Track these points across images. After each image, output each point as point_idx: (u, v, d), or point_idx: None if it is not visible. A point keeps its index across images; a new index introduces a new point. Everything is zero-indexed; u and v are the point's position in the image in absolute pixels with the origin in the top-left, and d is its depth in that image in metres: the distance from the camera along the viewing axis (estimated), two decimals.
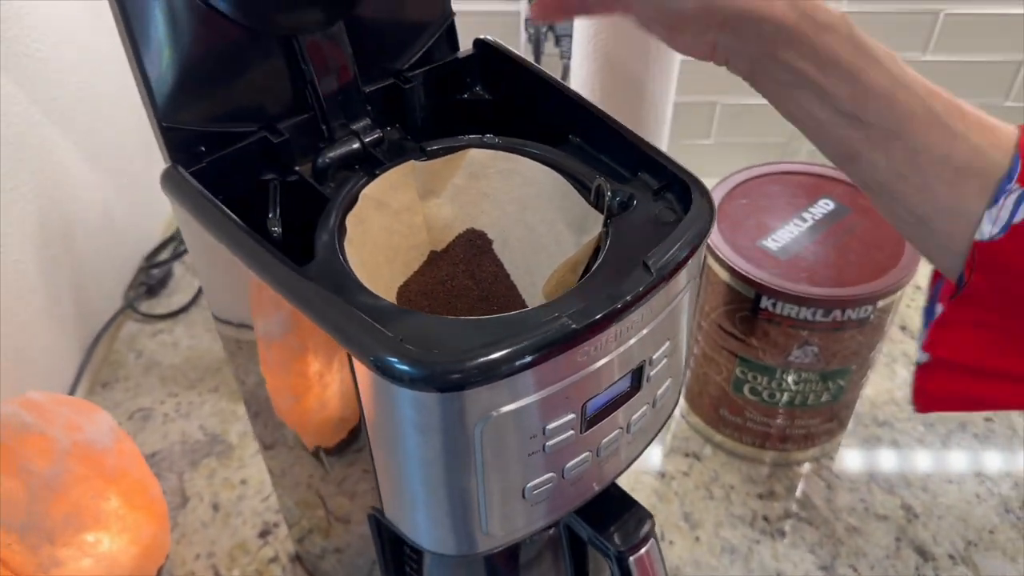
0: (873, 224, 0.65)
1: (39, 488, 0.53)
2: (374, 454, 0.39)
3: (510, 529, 0.41)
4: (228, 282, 0.45)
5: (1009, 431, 0.75)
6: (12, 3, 0.67)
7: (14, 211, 0.67)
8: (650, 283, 0.36)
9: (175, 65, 0.41)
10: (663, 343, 0.40)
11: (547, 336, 0.34)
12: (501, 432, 0.36)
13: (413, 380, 0.33)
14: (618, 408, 0.40)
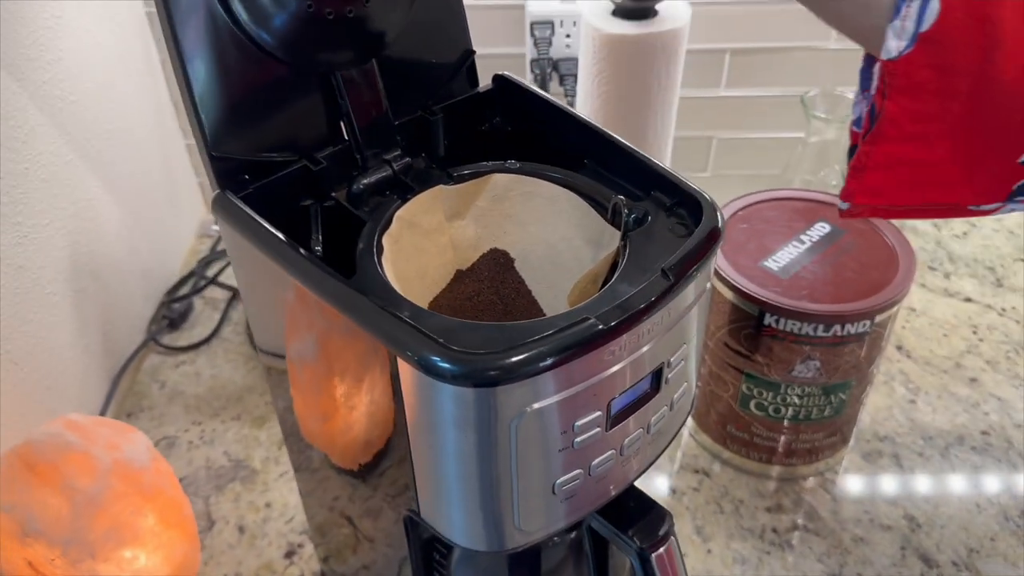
0: (868, 245, 0.69)
1: (83, 504, 0.55)
2: (413, 455, 0.42)
3: (540, 525, 0.43)
4: (273, 303, 0.48)
5: (1005, 443, 0.78)
6: (51, 49, 0.71)
7: (48, 245, 0.71)
8: (667, 288, 0.39)
9: (223, 99, 0.44)
10: (679, 347, 0.43)
11: (575, 336, 0.37)
12: (534, 428, 0.39)
13: (454, 376, 0.36)
14: (639, 408, 0.43)
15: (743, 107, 0.96)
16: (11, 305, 0.65)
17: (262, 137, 0.46)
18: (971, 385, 0.83)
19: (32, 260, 0.68)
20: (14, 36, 0.66)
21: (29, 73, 0.68)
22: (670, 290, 0.39)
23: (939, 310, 0.91)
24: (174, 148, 0.96)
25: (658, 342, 0.41)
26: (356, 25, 0.45)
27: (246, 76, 0.45)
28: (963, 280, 0.94)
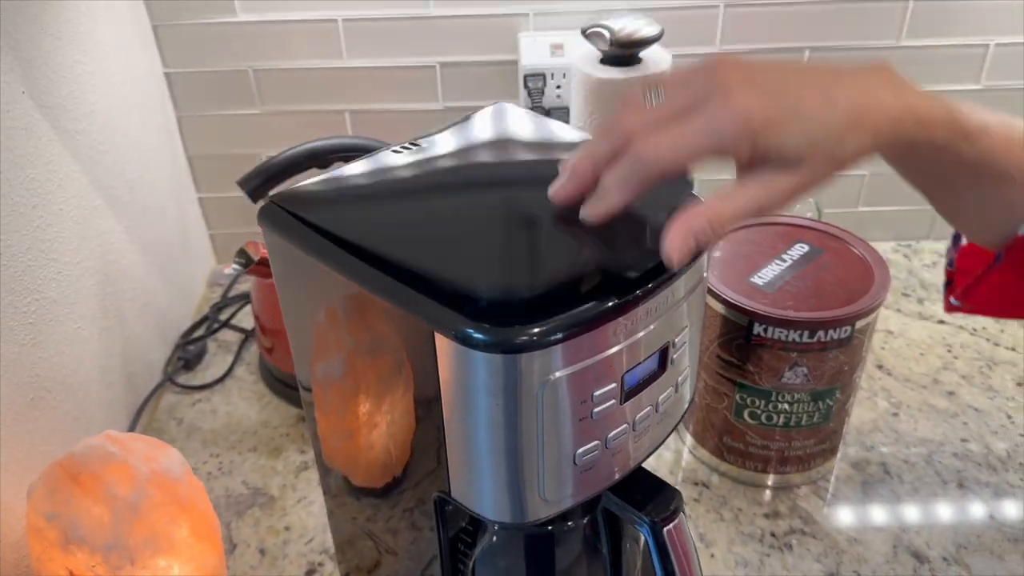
0: (843, 262, 0.75)
1: (123, 511, 0.58)
2: (447, 433, 0.46)
3: (562, 496, 0.47)
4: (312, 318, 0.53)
5: (984, 449, 0.82)
6: (84, 102, 0.76)
7: (78, 283, 0.75)
8: (671, 271, 0.45)
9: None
10: (681, 329, 0.48)
11: (593, 308, 0.42)
12: (557, 396, 0.43)
13: (487, 345, 0.41)
14: (649, 385, 0.48)
15: None
16: (45, 335, 0.69)
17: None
18: (949, 398, 0.88)
19: (64, 295, 0.72)
20: (53, 89, 0.72)
21: (65, 123, 0.73)
22: (674, 273, 0.44)
23: (915, 332, 0.97)
24: (188, 201, 1.01)
25: (662, 322, 0.46)
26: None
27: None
28: (936, 305, 1.01)
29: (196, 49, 0.93)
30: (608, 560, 0.58)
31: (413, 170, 0.53)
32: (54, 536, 0.58)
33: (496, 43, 0.94)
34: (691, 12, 0.93)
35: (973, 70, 0.98)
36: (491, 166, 0.55)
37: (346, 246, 0.46)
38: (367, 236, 0.47)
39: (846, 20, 0.94)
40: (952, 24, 0.95)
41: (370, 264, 0.45)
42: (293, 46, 0.93)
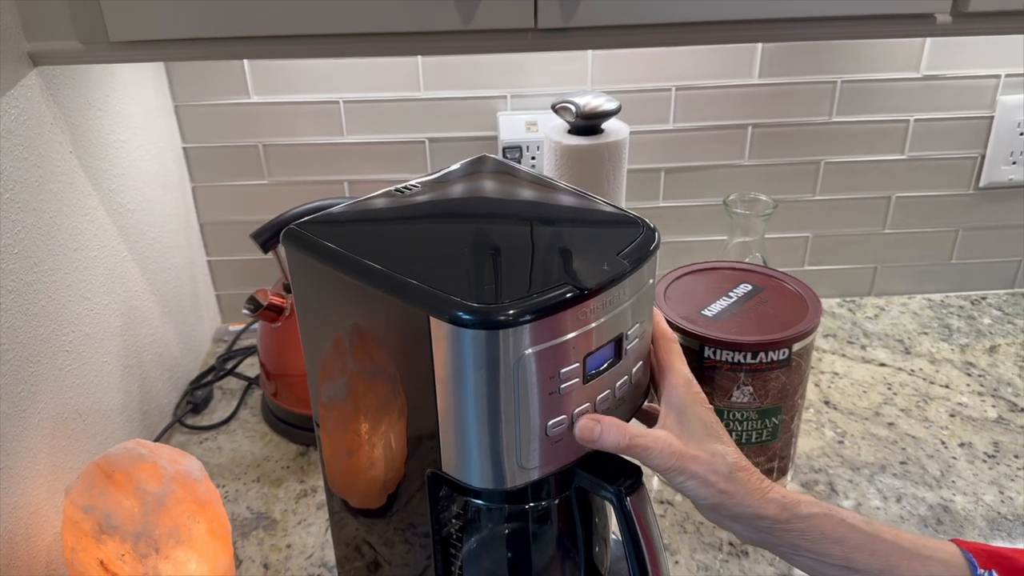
0: (782, 298, 0.85)
1: (151, 504, 0.66)
2: (440, 410, 0.55)
3: (536, 464, 0.56)
4: (333, 320, 0.62)
5: (920, 469, 0.91)
6: (117, 164, 0.87)
7: (106, 322, 0.84)
8: (624, 268, 0.55)
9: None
10: (634, 324, 0.58)
11: (555, 299, 0.52)
12: (530, 370, 0.53)
13: (474, 324, 0.50)
14: (607, 371, 0.57)
15: (678, 215, 1.15)
16: (79, 364, 0.78)
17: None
18: (889, 428, 0.97)
19: (96, 330, 0.82)
20: (93, 152, 0.83)
21: (102, 182, 0.84)
22: (625, 270, 0.55)
23: (858, 373, 1.07)
24: (198, 263, 1.12)
25: (614, 316, 0.56)
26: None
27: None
28: (877, 350, 1.11)
29: (212, 126, 1.05)
30: (581, 533, 0.66)
31: (409, 203, 0.64)
32: (88, 527, 0.65)
33: (478, 121, 1.07)
34: (647, 94, 1.07)
35: (897, 143, 1.12)
36: (473, 199, 0.66)
37: (357, 258, 0.56)
38: (374, 250, 0.58)
39: (783, 100, 1.08)
40: (876, 102, 1.09)
41: (377, 270, 0.55)
42: (299, 124, 1.05)
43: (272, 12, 0.68)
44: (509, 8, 0.70)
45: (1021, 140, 1.11)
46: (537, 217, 0.64)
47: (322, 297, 0.62)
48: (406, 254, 0.58)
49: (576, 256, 0.58)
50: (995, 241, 1.19)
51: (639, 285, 0.58)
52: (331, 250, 0.58)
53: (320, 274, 0.59)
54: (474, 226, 0.62)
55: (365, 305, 0.58)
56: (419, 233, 0.61)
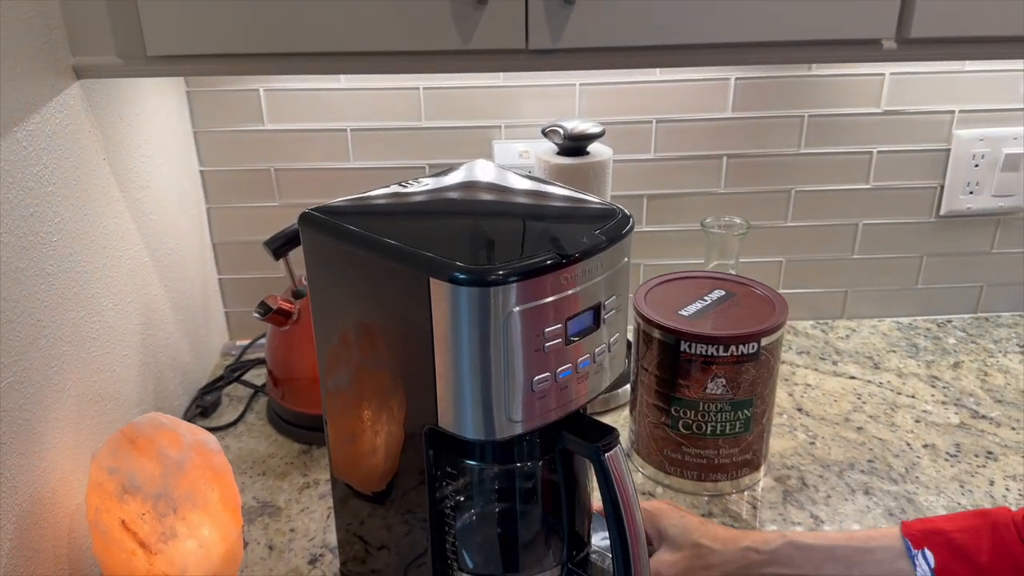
0: (752, 300, 0.93)
1: (171, 467, 0.72)
2: (437, 366, 0.61)
3: (523, 417, 0.62)
4: (344, 297, 0.69)
5: (887, 467, 0.97)
6: (142, 176, 0.95)
7: (127, 319, 0.91)
8: (600, 241, 0.62)
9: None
10: (611, 296, 0.65)
11: (539, 264, 0.59)
12: (518, 326, 0.59)
13: (468, 282, 0.57)
14: (587, 336, 0.64)
15: (660, 239, 1.23)
16: (103, 352, 0.85)
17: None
18: (858, 432, 1.04)
19: (118, 324, 0.88)
20: (123, 162, 0.91)
21: (129, 191, 0.92)
22: (602, 243, 0.62)
23: (829, 385, 1.13)
24: (210, 280, 1.19)
25: (592, 285, 0.63)
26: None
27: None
28: (848, 366, 1.18)
29: (227, 151, 1.14)
30: (564, 496, 0.72)
31: (405, 196, 0.71)
32: (112, 488, 0.71)
33: (474, 149, 1.15)
34: (630, 126, 1.16)
35: (862, 173, 1.20)
36: (470, 191, 0.74)
37: (367, 234, 0.64)
38: (380, 230, 0.65)
39: (755, 133, 1.17)
40: (841, 135, 1.18)
41: (387, 243, 0.62)
42: (309, 150, 1.14)
43: (295, 32, 0.77)
44: (503, 30, 0.79)
45: (976, 171, 1.20)
46: (527, 204, 0.72)
47: (334, 275, 0.69)
48: (408, 232, 0.65)
49: (559, 233, 0.65)
50: (958, 267, 1.27)
51: (614, 262, 0.65)
52: (342, 229, 0.65)
53: (332, 252, 0.67)
54: (470, 211, 0.70)
55: (372, 277, 0.65)
56: (420, 216, 0.69)
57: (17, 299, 0.69)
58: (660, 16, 0.79)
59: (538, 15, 0.78)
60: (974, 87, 1.16)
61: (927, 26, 0.81)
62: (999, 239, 1.25)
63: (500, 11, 0.78)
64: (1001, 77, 1.16)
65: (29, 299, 0.71)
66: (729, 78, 1.14)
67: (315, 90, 1.11)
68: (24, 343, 0.70)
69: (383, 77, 1.11)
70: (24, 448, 0.70)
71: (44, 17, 0.75)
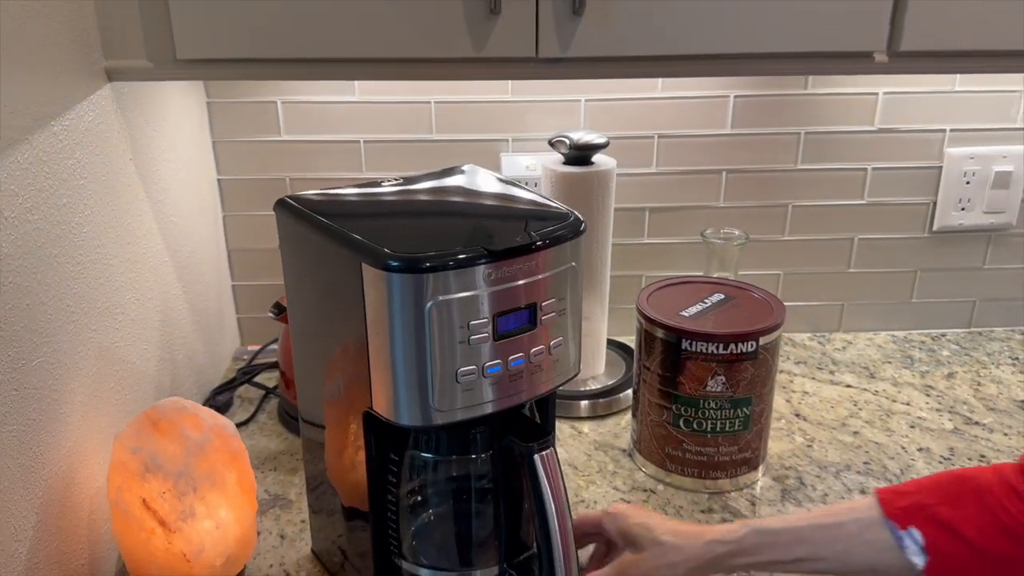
0: (750, 302, 0.96)
1: (192, 448, 0.75)
2: (371, 352, 0.64)
3: (449, 407, 0.64)
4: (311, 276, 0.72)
5: (882, 468, 1.00)
6: (165, 179, 0.99)
7: (147, 316, 0.94)
8: (532, 240, 0.64)
9: None
10: (550, 298, 0.67)
11: (468, 258, 0.62)
12: (443, 315, 0.61)
13: (394, 269, 0.60)
14: (521, 334, 0.65)
15: (661, 251, 1.26)
16: (124, 344, 0.88)
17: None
18: (854, 436, 1.06)
19: (140, 317, 0.91)
20: (148, 165, 0.95)
21: (152, 192, 0.96)
22: (535, 245, 0.64)
23: (826, 392, 1.16)
24: (224, 286, 1.22)
25: (532, 282, 0.65)
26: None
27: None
28: (844, 375, 1.21)
29: (245, 161, 1.18)
30: (505, 488, 0.74)
31: (378, 191, 0.76)
32: (135, 467, 0.74)
33: (483, 161, 1.19)
34: (633, 141, 1.20)
35: (857, 189, 1.24)
36: (438, 189, 0.77)
37: (317, 216, 0.68)
38: (337, 217, 0.68)
39: (753, 149, 1.21)
40: (836, 152, 1.22)
41: (334, 228, 0.66)
42: (324, 160, 1.18)
43: (318, 38, 0.81)
44: (515, 39, 0.83)
45: (968, 188, 1.24)
46: (486, 204, 0.75)
47: (296, 259, 0.73)
48: (360, 222, 0.68)
49: (500, 231, 0.67)
50: (952, 282, 1.31)
51: (557, 263, 0.67)
52: (302, 212, 0.69)
53: (294, 235, 0.71)
54: (428, 208, 0.74)
55: (322, 262, 0.68)
56: (380, 209, 0.73)
57: (50, 283, 0.73)
58: (662, 28, 0.83)
59: (548, 25, 0.82)
60: (965, 107, 1.21)
61: (917, 40, 0.85)
62: (991, 255, 1.29)
63: (512, 21, 0.82)
64: (991, 97, 1.21)
65: (60, 284, 0.74)
66: (728, 95, 1.19)
67: (330, 103, 1.15)
68: (55, 326, 0.73)
69: (396, 90, 1.15)
70: (51, 426, 0.72)
71: (80, 21, 0.79)
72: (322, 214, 0.69)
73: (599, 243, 1.08)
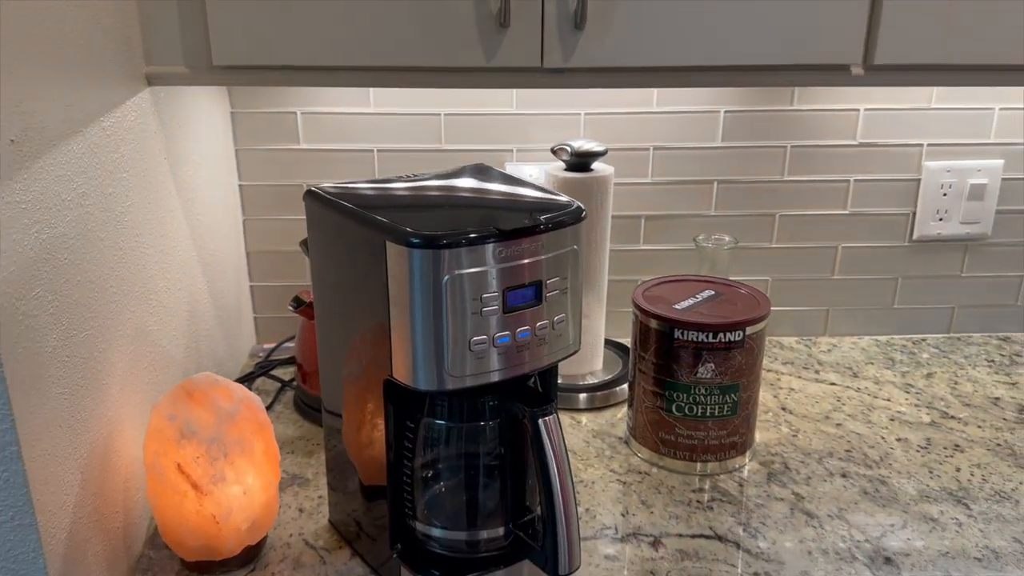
0: (739, 298, 1.03)
1: (223, 416, 0.81)
2: (392, 324, 0.71)
3: (462, 373, 0.71)
4: (338, 259, 0.79)
5: (863, 455, 1.06)
6: (193, 180, 1.07)
7: (177, 307, 1.01)
8: (540, 222, 0.72)
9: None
10: (554, 276, 0.74)
11: (480, 237, 0.69)
12: (457, 287, 0.68)
13: (417, 245, 0.67)
14: (527, 309, 0.72)
15: (656, 256, 1.34)
16: (155, 329, 0.94)
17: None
18: (836, 427, 1.13)
19: (170, 305, 0.98)
20: (181, 167, 1.02)
21: (183, 191, 1.03)
22: (541, 227, 0.72)
23: (811, 389, 1.23)
24: (243, 286, 1.29)
25: (537, 261, 0.72)
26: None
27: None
28: (829, 374, 1.27)
29: (265, 168, 1.26)
30: (511, 453, 0.80)
31: (394, 184, 0.82)
32: (171, 433, 0.80)
33: None
34: (630, 153, 1.28)
35: (840, 200, 1.32)
36: (454, 182, 0.84)
37: (344, 203, 0.75)
38: (364, 204, 0.75)
39: (743, 160, 1.29)
40: (820, 165, 1.30)
41: (359, 212, 0.73)
42: (339, 168, 1.26)
43: (345, 47, 0.89)
44: (522, 50, 0.91)
45: (945, 200, 1.32)
46: (496, 195, 0.82)
47: (323, 242, 0.80)
48: (383, 208, 0.75)
49: (509, 216, 0.74)
50: (931, 289, 1.38)
51: (559, 245, 0.74)
52: (329, 200, 0.76)
53: (322, 220, 0.78)
54: (444, 196, 0.81)
55: (347, 243, 0.76)
56: (400, 198, 0.80)
57: (98, 263, 0.80)
58: (654, 41, 0.91)
59: (552, 38, 0.90)
60: (941, 123, 1.29)
61: (890, 54, 0.93)
62: (968, 263, 1.36)
63: (519, 33, 0.90)
64: (966, 114, 1.29)
65: (105, 265, 0.81)
66: (719, 110, 1.27)
67: (347, 113, 1.23)
68: (99, 303, 0.80)
69: (408, 103, 1.23)
70: (94, 395, 0.79)
71: (125, 31, 0.87)
72: (347, 201, 0.76)
73: (598, 244, 1.16)
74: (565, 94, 1.25)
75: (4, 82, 0.64)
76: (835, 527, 0.93)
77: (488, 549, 0.81)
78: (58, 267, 0.72)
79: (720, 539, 0.91)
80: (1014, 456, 1.07)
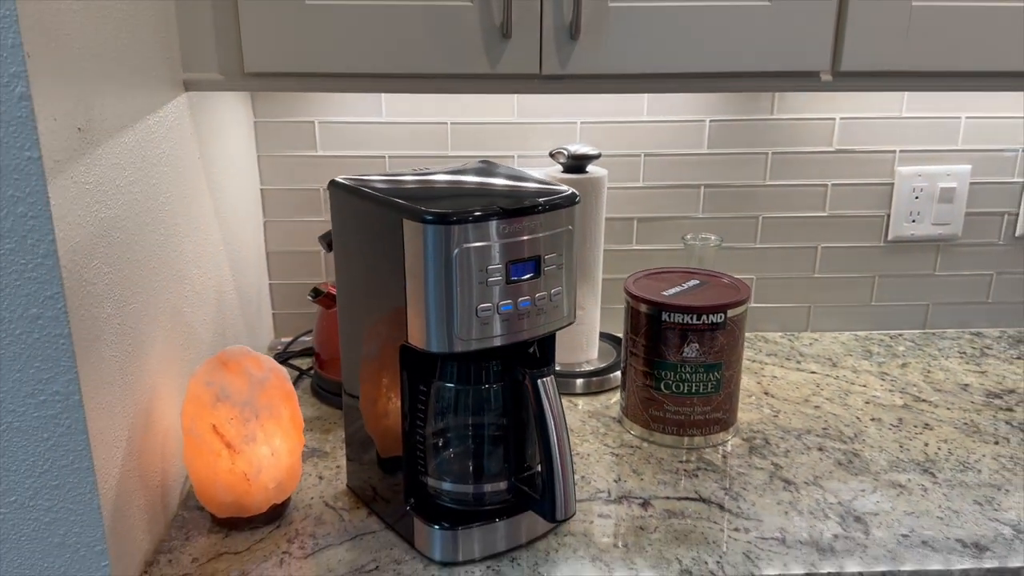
0: (721, 286, 1.12)
1: (255, 383, 0.90)
2: (408, 292, 0.80)
3: (469, 336, 0.80)
4: (361, 245, 0.89)
5: (838, 432, 1.15)
6: (222, 181, 1.17)
7: (206, 293, 1.10)
8: (538, 203, 0.82)
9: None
10: (551, 252, 0.83)
11: (485, 214, 0.79)
12: (466, 259, 0.78)
13: (430, 221, 0.77)
14: (527, 281, 0.82)
15: (648, 256, 1.43)
16: (189, 311, 1.04)
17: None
18: (815, 409, 1.21)
19: (201, 291, 1.08)
20: (210, 164, 1.12)
21: (213, 189, 1.13)
22: (541, 207, 0.82)
23: (793, 377, 1.32)
24: (263, 284, 1.39)
25: (537, 238, 0.82)
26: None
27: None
28: (810, 364, 1.36)
29: (284, 173, 1.35)
30: (513, 412, 0.89)
31: (410, 176, 0.92)
32: (208, 398, 0.89)
33: None
34: (622, 159, 1.38)
35: (819, 203, 1.42)
36: (462, 173, 0.94)
37: (366, 190, 0.85)
38: (380, 191, 0.85)
39: (727, 166, 1.39)
40: (800, 170, 1.40)
41: (379, 196, 0.83)
42: (353, 172, 1.35)
43: (365, 55, 0.99)
44: (522, 58, 1.01)
45: (917, 202, 1.42)
46: (500, 184, 0.91)
47: (347, 226, 0.90)
48: (400, 193, 0.85)
49: (511, 199, 0.83)
50: (907, 287, 1.47)
51: (555, 225, 0.84)
52: (351, 188, 0.86)
53: (346, 205, 0.88)
54: (451, 186, 0.90)
55: (369, 222, 0.85)
56: (415, 186, 0.89)
57: (143, 245, 0.89)
58: (644, 50, 1.01)
59: (550, 47, 1.00)
60: (912, 131, 1.39)
61: (856, 61, 1.03)
62: (940, 263, 1.46)
63: (520, 43, 1.00)
64: (935, 122, 1.39)
65: (148, 247, 0.91)
66: (705, 120, 1.37)
67: (361, 123, 1.33)
68: (143, 280, 0.89)
69: (417, 113, 1.33)
70: (138, 362, 0.88)
71: (166, 39, 0.97)
72: (368, 187, 0.86)
73: (593, 242, 1.25)
74: (562, 104, 1.35)
75: (75, 79, 0.74)
76: (810, 492, 1.01)
77: (492, 502, 0.90)
78: (112, 244, 0.81)
79: (704, 501, 0.99)
80: (979, 433, 1.15)
